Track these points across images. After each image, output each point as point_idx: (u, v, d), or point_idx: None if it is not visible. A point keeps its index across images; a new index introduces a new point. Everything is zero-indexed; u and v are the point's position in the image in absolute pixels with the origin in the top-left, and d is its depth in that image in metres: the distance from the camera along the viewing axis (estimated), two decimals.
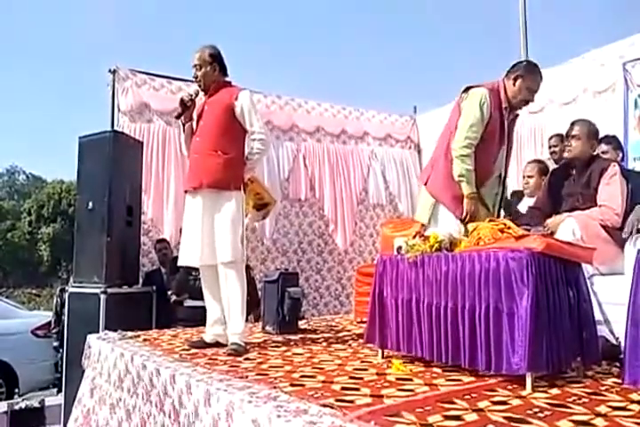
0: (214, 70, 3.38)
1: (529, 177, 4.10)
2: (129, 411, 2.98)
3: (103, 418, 3.24)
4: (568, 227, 2.90)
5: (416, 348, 2.53)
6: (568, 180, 3.30)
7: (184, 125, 3.49)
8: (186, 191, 3.43)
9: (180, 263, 3.47)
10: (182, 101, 3.42)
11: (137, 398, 2.89)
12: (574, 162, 3.28)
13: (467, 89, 3.13)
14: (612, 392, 2.00)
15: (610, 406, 1.81)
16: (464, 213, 2.99)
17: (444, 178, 3.09)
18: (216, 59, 3.40)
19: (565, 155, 3.36)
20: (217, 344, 3.29)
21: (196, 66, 3.38)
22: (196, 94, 3.45)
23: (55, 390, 5.85)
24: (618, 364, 2.41)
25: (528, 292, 2.11)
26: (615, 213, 3.02)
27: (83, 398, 3.58)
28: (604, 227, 3.01)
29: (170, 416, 2.48)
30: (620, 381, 2.12)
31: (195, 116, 3.46)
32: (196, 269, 4.59)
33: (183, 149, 3.63)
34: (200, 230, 3.26)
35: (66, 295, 6.19)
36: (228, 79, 3.47)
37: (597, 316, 2.49)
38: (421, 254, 2.61)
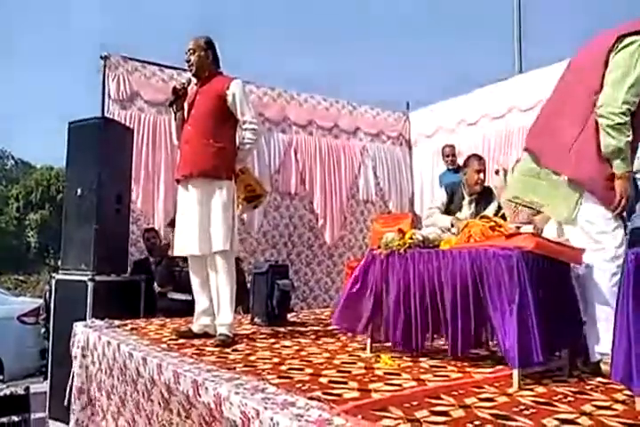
0: (207, 57, 3.37)
1: None
2: (122, 398, 2.98)
3: (106, 404, 3.24)
4: (552, 226, 2.91)
5: (405, 341, 2.54)
6: None
7: (175, 114, 3.45)
8: (178, 181, 3.41)
9: (175, 253, 3.49)
10: (175, 89, 3.41)
11: (127, 385, 2.89)
12: None
13: (621, 37, 2.38)
14: (597, 392, 2.02)
15: (595, 406, 1.82)
16: (617, 199, 2.34)
17: (598, 159, 2.38)
18: (211, 47, 3.40)
19: None
20: (205, 335, 3.28)
21: (190, 50, 3.36)
22: (189, 83, 3.44)
23: (41, 377, 5.82)
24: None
25: (517, 289, 2.13)
26: None
27: (82, 386, 3.57)
28: None
29: (159, 404, 2.48)
30: (605, 380, 2.14)
31: (186, 105, 3.44)
32: (184, 261, 4.59)
33: (174, 138, 3.60)
34: (192, 220, 3.26)
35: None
36: (220, 70, 3.46)
37: (584, 316, 2.51)
38: (391, 251, 2.65)
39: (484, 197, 3.98)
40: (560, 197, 2.46)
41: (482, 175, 3.98)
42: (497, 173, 3.90)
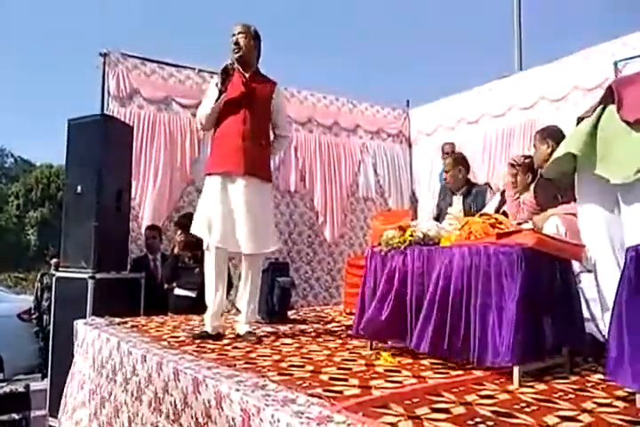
0: (255, 48, 3.30)
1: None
2: (104, 398, 2.99)
3: (81, 403, 3.25)
4: (552, 225, 2.91)
5: (405, 339, 2.54)
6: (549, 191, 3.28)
7: (221, 94, 3.22)
8: (224, 172, 3.23)
9: (220, 245, 3.21)
10: (226, 69, 3.21)
11: (114, 385, 2.90)
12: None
13: None
14: (597, 389, 2.01)
15: (595, 403, 1.82)
16: None
17: None
18: (259, 39, 3.32)
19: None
20: (217, 335, 3.23)
21: (240, 32, 3.22)
22: (232, 64, 3.26)
23: (40, 375, 5.83)
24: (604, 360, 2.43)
25: (517, 286, 2.12)
26: None
27: (69, 384, 3.59)
28: None
29: (150, 405, 2.48)
30: (605, 377, 2.14)
31: (228, 91, 3.26)
32: (190, 258, 4.60)
33: (202, 115, 3.32)
34: (244, 217, 3.15)
35: (46, 280, 6.16)
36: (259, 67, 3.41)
37: (584, 313, 2.51)
38: (392, 249, 2.64)
39: (470, 192, 4.27)
40: (626, 154, 2.11)
41: (448, 174, 4.36)
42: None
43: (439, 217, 4.26)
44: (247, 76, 3.30)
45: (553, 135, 3.36)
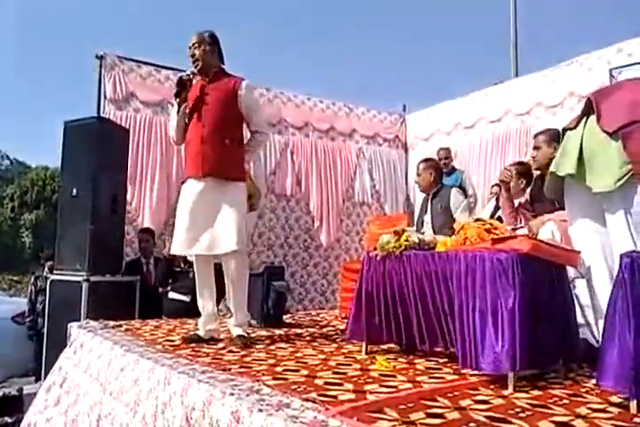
0: (213, 52, 3.31)
1: None
2: (79, 396, 3.00)
3: (55, 400, 3.25)
4: (548, 230, 2.91)
5: (399, 343, 2.54)
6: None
7: (179, 105, 3.32)
8: (189, 177, 3.28)
9: (189, 253, 3.29)
10: (181, 79, 3.29)
11: (96, 383, 2.91)
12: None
13: None
14: (592, 394, 2.01)
15: (590, 408, 1.82)
16: None
17: None
18: (216, 42, 3.34)
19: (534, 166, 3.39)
20: (211, 339, 3.24)
21: (194, 44, 3.27)
22: (193, 75, 3.33)
23: (33, 378, 5.79)
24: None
25: (513, 292, 2.12)
26: None
27: (46, 383, 3.59)
28: None
29: (127, 405, 2.48)
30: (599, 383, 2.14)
31: (190, 100, 3.33)
32: (184, 262, 4.58)
33: (171, 131, 3.45)
34: (207, 220, 3.17)
35: (39, 283, 6.13)
36: (224, 67, 3.40)
37: (579, 319, 2.51)
38: (387, 254, 2.65)
39: (437, 193, 4.16)
40: (607, 163, 2.17)
41: (420, 178, 4.24)
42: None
43: (417, 224, 4.31)
44: (207, 79, 3.33)
45: (557, 139, 3.36)
